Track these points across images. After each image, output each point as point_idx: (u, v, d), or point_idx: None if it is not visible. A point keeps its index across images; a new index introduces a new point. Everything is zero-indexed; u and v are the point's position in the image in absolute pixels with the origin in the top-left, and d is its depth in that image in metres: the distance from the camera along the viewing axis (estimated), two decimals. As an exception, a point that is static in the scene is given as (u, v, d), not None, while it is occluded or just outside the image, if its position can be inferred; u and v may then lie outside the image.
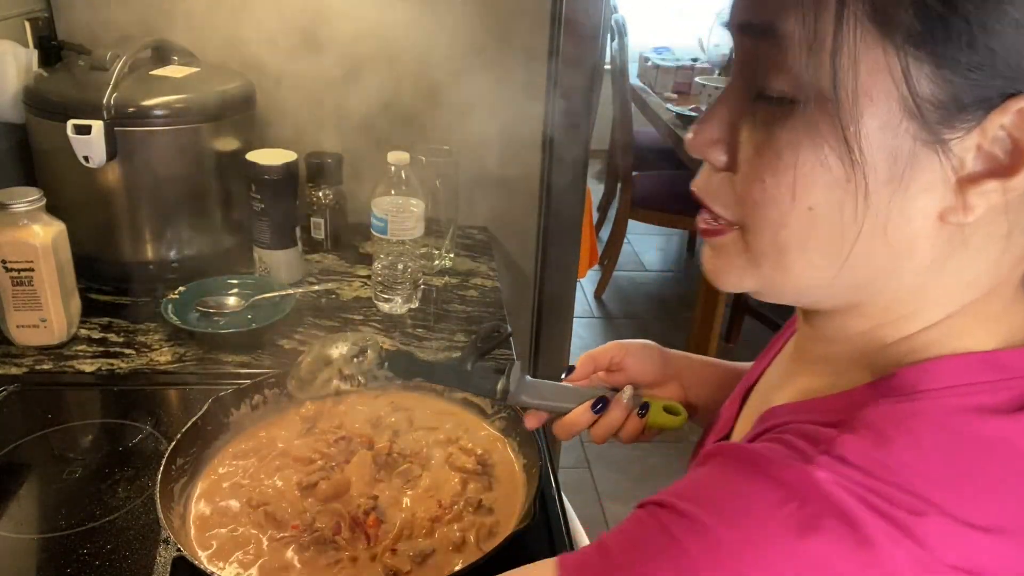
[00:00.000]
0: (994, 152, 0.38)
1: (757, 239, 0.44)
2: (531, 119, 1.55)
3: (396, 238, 1.18)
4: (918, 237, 0.41)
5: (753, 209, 0.43)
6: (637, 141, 3.42)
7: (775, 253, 0.43)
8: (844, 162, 0.39)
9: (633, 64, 3.64)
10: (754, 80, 0.42)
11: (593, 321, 3.36)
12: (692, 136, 0.46)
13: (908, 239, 0.41)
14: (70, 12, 1.41)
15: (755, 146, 0.42)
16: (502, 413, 0.91)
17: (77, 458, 0.89)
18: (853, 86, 0.38)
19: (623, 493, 2.40)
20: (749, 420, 0.57)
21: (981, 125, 0.38)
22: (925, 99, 0.37)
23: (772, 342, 0.67)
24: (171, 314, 1.14)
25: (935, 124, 0.38)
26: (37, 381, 1.02)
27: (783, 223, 0.42)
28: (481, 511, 0.79)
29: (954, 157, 0.38)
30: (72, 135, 1.12)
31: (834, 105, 0.38)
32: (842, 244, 0.41)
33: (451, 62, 1.48)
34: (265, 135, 1.39)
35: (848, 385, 0.47)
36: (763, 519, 0.40)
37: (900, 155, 0.38)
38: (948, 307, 0.44)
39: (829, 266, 0.43)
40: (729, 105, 0.44)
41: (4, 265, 1.01)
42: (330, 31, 1.42)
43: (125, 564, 0.74)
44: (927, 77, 0.37)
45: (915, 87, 0.37)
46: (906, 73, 0.37)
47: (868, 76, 0.38)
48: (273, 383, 0.92)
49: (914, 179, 0.39)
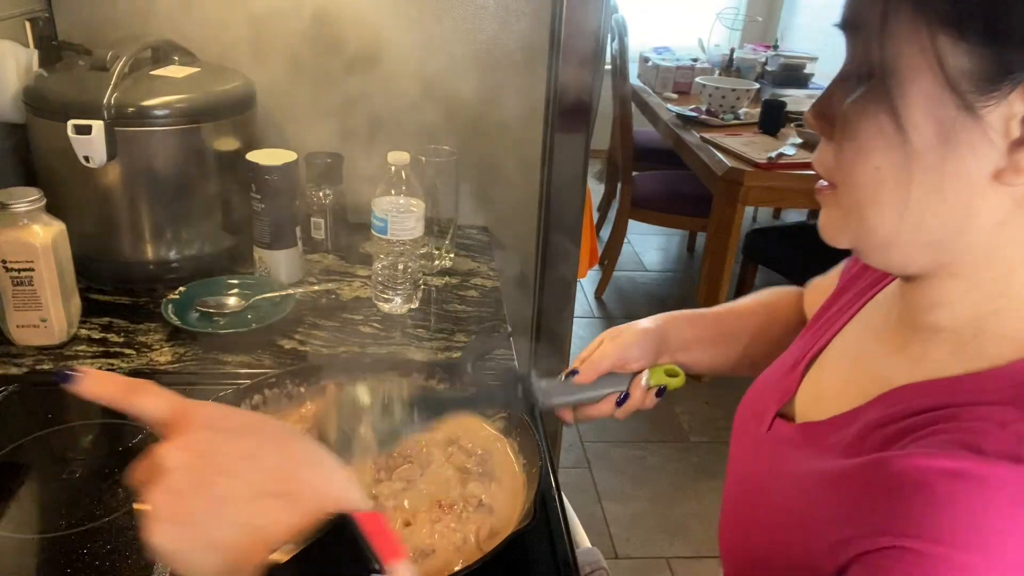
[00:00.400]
0: None
1: (843, 197, 0.52)
2: (531, 119, 1.55)
3: (396, 238, 1.18)
4: (975, 196, 0.47)
5: (839, 171, 0.51)
6: (637, 141, 3.42)
7: (855, 208, 0.51)
8: (898, 128, 0.46)
9: (633, 64, 3.64)
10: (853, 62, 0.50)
11: (593, 321, 3.36)
12: (807, 113, 0.55)
13: (966, 198, 0.47)
14: (70, 12, 1.41)
15: (840, 119, 0.50)
16: (502, 413, 0.91)
17: (77, 458, 0.89)
18: (900, 64, 0.46)
19: (623, 493, 2.40)
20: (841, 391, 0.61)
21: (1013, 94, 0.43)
22: (959, 73, 0.44)
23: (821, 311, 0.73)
24: (171, 314, 1.14)
25: (968, 94, 0.44)
26: (37, 381, 1.02)
27: (856, 182, 0.50)
28: (481, 511, 0.79)
29: (995, 123, 0.44)
30: (72, 135, 1.12)
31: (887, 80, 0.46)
32: (906, 199, 0.48)
33: (451, 62, 1.48)
34: (265, 135, 1.39)
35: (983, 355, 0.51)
36: None
37: (944, 121, 0.45)
38: None
39: (897, 220, 0.49)
40: (833, 87, 0.52)
41: (4, 265, 1.01)
42: (330, 31, 1.42)
43: (125, 564, 0.74)
44: (959, 54, 0.44)
45: (949, 63, 0.44)
46: (941, 51, 0.44)
47: (911, 55, 0.45)
48: (273, 383, 0.92)
49: (960, 142, 0.45)
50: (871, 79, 0.47)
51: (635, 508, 2.34)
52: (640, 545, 2.20)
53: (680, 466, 2.53)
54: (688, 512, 2.29)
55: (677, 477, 2.48)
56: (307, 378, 0.95)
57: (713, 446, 2.59)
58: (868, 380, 0.59)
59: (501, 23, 1.47)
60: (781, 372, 0.72)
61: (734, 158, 2.61)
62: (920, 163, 0.47)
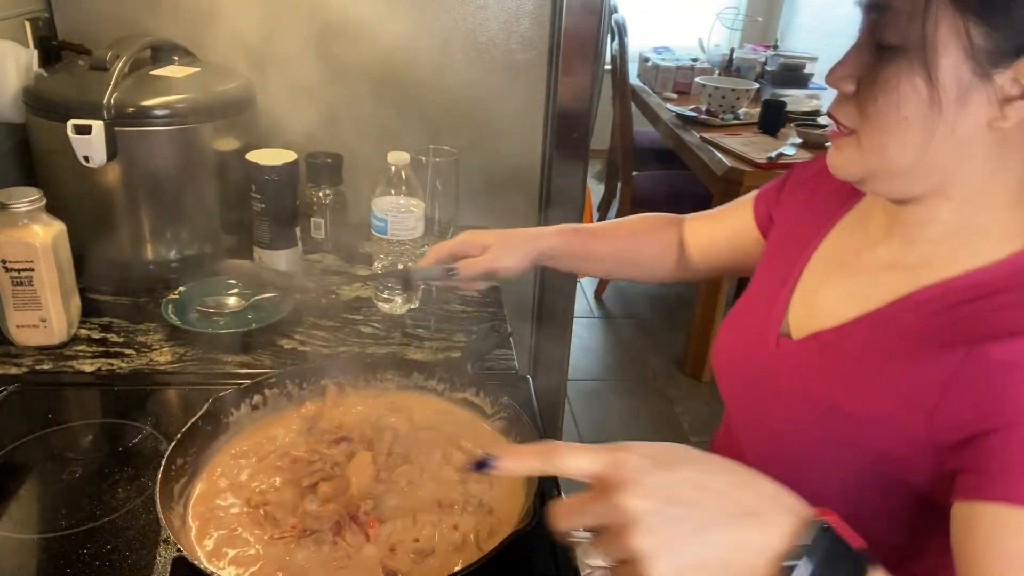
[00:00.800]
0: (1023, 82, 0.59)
1: (868, 139, 0.65)
2: (531, 119, 1.55)
3: (396, 238, 1.18)
4: (975, 138, 0.61)
5: (868, 119, 0.64)
6: (637, 141, 3.42)
7: (878, 148, 0.64)
8: (928, 87, 0.60)
9: (633, 64, 3.64)
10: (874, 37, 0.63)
11: (593, 321, 3.36)
12: (830, 74, 0.67)
13: (969, 138, 0.61)
14: (70, 12, 1.41)
15: (872, 78, 0.63)
16: (502, 413, 0.91)
17: (77, 458, 0.89)
18: (935, 39, 0.59)
19: (623, 493, 2.40)
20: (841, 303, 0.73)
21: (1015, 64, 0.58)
22: (979, 48, 0.58)
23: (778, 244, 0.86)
24: (171, 314, 1.14)
25: (985, 64, 0.58)
26: (37, 381, 1.02)
27: (885, 127, 0.63)
28: (481, 511, 0.79)
29: (997, 86, 0.59)
30: (72, 135, 1.12)
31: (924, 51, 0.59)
32: (926, 141, 0.62)
33: (451, 62, 1.48)
34: (265, 135, 1.39)
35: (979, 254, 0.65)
36: None
37: (962, 83, 0.59)
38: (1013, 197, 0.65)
39: (914, 156, 0.63)
40: (855, 54, 0.65)
41: (4, 265, 1.01)
42: (330, 31, 1.42)
43: (125, 564, 0.74)
44: (980, 34, 0.58)
45: (973, 40, 0.58)
46: (968, 31, 0.58)
47: (944, 33, 0.59)
48: (273, 383, 0.93)
49: (971, 99, 0.60)
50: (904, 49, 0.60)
51: (635, 508, 2.33)
52: (640, 545, 2.20)
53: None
54: (688, 512, 2.29)
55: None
56: (307, 378, 0.95)
57: (713, 446, 2.59)
58: (870, 289, 0.72)
59: (501, 23, 1.47)
60: (762, 300, 0.82)
61: (734, 158, 2.61)
62: (942, 114, 0.60)
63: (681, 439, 2.66)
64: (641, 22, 4.21)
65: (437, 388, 0.97)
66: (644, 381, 3.00)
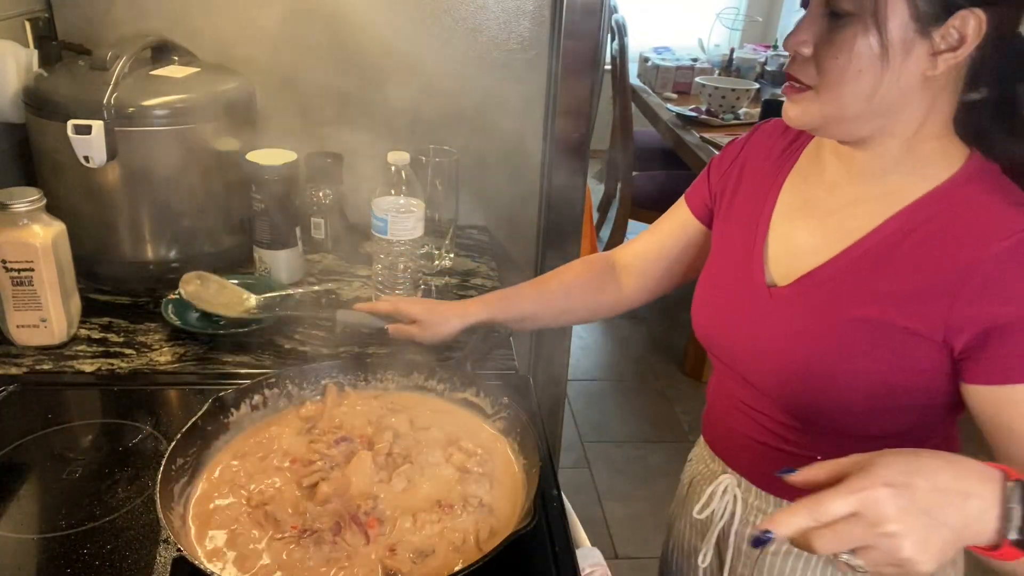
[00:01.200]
0: (950, 39, 0.71)
1: (827, 92, 0.75)
2: (531, 119, 1.55)
3: (396, 238, 1.18)
4: (914, 85, 0.73)
5: (828, 75, 0.74)
6: (637, 141, 3.42)
7: (836, 98, 0.75)
8: (880, 45, 0.71)
9: (633, 64, 3.64)
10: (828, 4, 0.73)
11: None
12: (788, 40, 0.77)
13: (910, 85, 0.73)
14: (70, 12, 1.41)
15: (829, 40, 0.74)
16: (502, 413, 0.92)
17: (77, 458, 0.89)
18: (885, 6, 0.70)
19: (623, 493, 2.40)
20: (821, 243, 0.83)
21: (947, 23, 0.70)
22: (922, 11, 0.70)
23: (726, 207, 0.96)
24: (171, 314, 1.14)
25: (926, 24, 0.70)
26: (37, 381, 1.02)
27: (843, 80, 0.74)
28: (481, 511, 0.79)
29: (934, 41, 0.71)
30: (72, 135, 1.12)
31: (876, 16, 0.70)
32: (876, 89, 0.73)
33: (451, 62, 1.48)
34: (265, 135, 1.39)
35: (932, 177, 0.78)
36: None
37: (907, 40, 0.71)
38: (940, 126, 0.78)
39: (865, 103, 0.74)
40: (809, 22, 0.75)
41: (4, 265, 1.01)
42: (330, 32, 1.42)
43: (125, 564, 0.74)
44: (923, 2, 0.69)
45: (919, 7, 0.70)
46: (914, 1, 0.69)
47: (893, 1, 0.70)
48: (273, 383, 0.93)
49: (912, 53, 0.72)
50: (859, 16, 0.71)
51: (635, 508, 2.34)
52: (640, 545, 2.20)
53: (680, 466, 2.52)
54: (688, 512, 2.29)
55: (677, 477, 2.47)
56: (307, 378, 0.95)
57: (713, 446, 2.59)
58: (845, 224, 0.82)
59: (501, 23, 1.47)
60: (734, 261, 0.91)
61: (734, 158, 2.60)
62: (890, 67, 0.72)
63: (681, 439, 2.66)
64: (641, 22, 4.21)
65: (437, 388, 0.97)
66: (644, 381, 3.00)
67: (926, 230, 0.77)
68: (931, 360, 0.76)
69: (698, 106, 3.15)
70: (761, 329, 0.86)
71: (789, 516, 0.59)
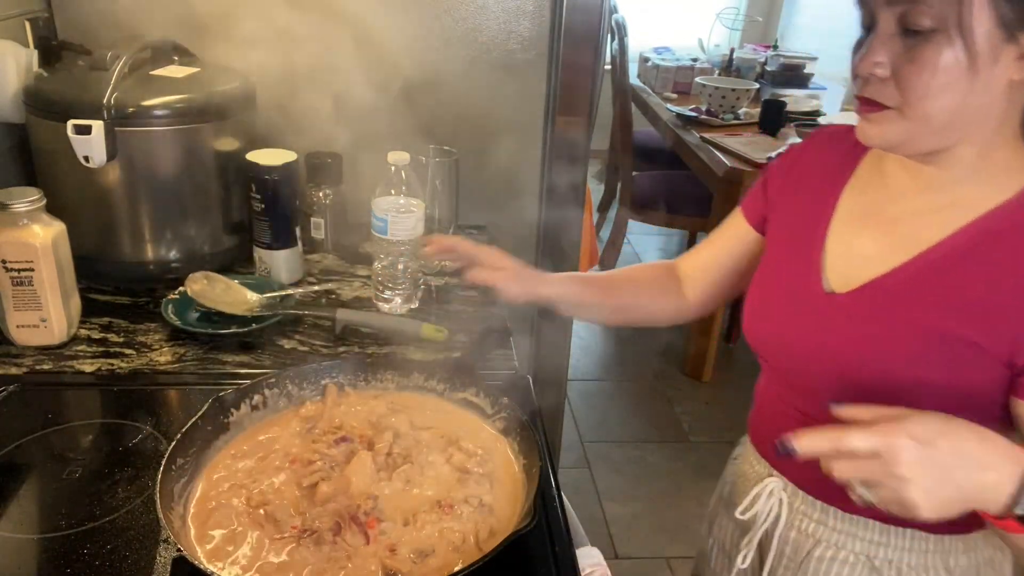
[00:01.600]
0: None
1: (912, 109, 0.74)
2: (531, 119, 1.55)
3: (396, 238, 1.18)
4: (999, 93, 0.73)
5: (911, 92, 0.73)
6: (637, 141, 3.42)
7: (923, 114, 0.74)
8: (968, 56, 0.70)
9: (633, 64, 3.64)
10: (902, 23, 0.73)
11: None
12: (860, 62, 0.76)
13: (995, 94, 0.73)
14: (70, 12, 1.41)
15: (910, 58, 0.73)
16: (502, 413, 0.92)
17: (77, 458, 0.89)
18: (971, 17, 0.69)
19: (623, 493, 2.40)
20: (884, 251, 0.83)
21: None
22: (1008, 17, 0.69)
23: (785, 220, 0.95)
24: (171, 314, 1.14)
25: (1012, 29, 0.70)
26: (37, 381, 1.02)
27: (930, 96, 0.73)
28: (481, 511, 0.79)
29: (1018, 45, 0.71)
30: (72, 135, 1.12)
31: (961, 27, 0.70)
32: (964, 99, 0.73)
33: (452, 62, 1.48)
34: (265, 135, 1.39)
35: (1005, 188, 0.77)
36: None
37: (994, 48, 0.71)
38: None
39: (953, 113, 0.74)
40: (883, 43, 0.74)
41: (4, 265, 1.01)
42: (330, 31, 1.42)
43: (125, 564, 0.74)
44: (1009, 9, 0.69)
45: (1003, 14, 0.69)
46: (999, 8, 0.69)
47: (978, 12, 0.69)
48: (273, 383, 0.92)
49: (1000, 60, 0.71)
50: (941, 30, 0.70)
51: (635, 508, 2.34)
52: (640, 545, 2.20)
53: (680, 466, 2.53)
54: (688, 512, 2.29)
55: (677, 477, 2.48)
56: (307, 378, 0.95)
57: (713, 446, 2.59)
58: (911, 234, 0.82)
59: (501, 23, 1.47)
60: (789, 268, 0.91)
61: (734, 158, 2.61)
62: (979, 76, 0.71)
63: (681, 439, 2.66)
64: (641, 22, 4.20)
65: (437, 388, 0.97)
66: (644, 381, 3.00)
67: (999, 243, 0.76)
68: (988, 373, 0.76)
69: (698, 106, 3.15)
70: (819, 335, 0.86)
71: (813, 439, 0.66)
